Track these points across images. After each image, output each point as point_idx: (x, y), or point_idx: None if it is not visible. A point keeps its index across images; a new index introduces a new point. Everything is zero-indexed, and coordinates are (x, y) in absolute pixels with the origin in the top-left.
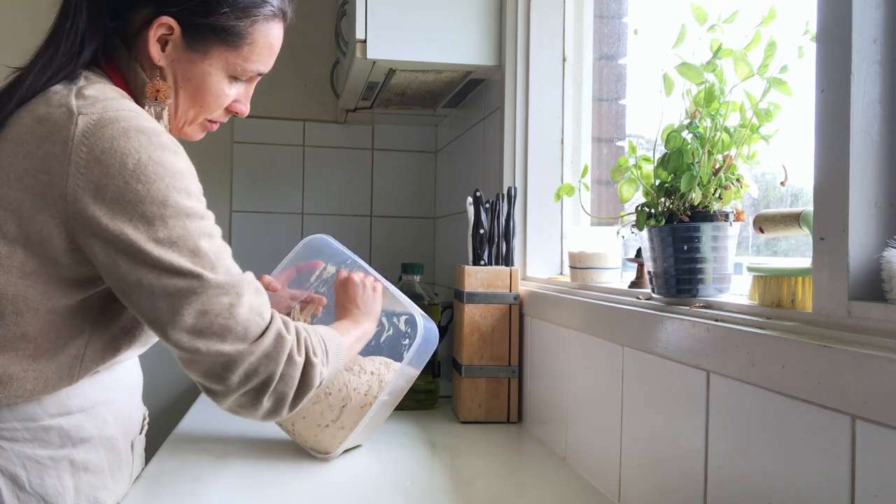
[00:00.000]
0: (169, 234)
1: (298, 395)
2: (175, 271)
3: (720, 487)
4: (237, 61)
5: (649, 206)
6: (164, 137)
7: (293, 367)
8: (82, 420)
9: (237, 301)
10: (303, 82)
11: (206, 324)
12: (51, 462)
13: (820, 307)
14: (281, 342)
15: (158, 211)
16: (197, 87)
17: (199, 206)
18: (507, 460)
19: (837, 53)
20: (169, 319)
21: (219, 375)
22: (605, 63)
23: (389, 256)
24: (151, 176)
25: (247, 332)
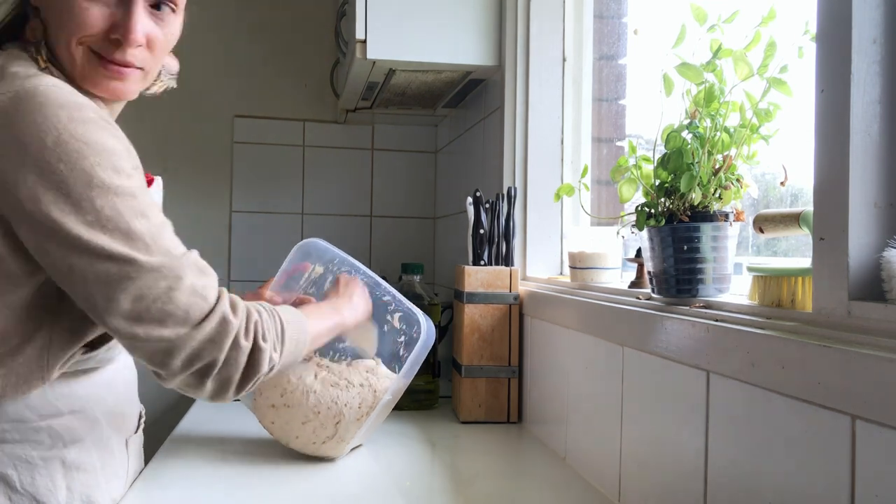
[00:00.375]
0: (98, 216)
1: (245, 379)
2: (107, 256)
3: (720, 487)
4: None
5: (649, 206)
6: (87, 111)
7: (238, 351)
8: (73, 421)
9: (176, 284)
10: (303, 82)
11: (144, 309)
12: (41, 462)
13: (820, 307)
14: (225, 326)
15: (84, 192)
16: (59, 12)
17: (129, 183)
18: (507, 460)
19: (837, 53)
20: (105, 306)
21: (160, 361)
22: (605, 63)
23: (389, 256)
24: (73, 154)
25: (188, 316)
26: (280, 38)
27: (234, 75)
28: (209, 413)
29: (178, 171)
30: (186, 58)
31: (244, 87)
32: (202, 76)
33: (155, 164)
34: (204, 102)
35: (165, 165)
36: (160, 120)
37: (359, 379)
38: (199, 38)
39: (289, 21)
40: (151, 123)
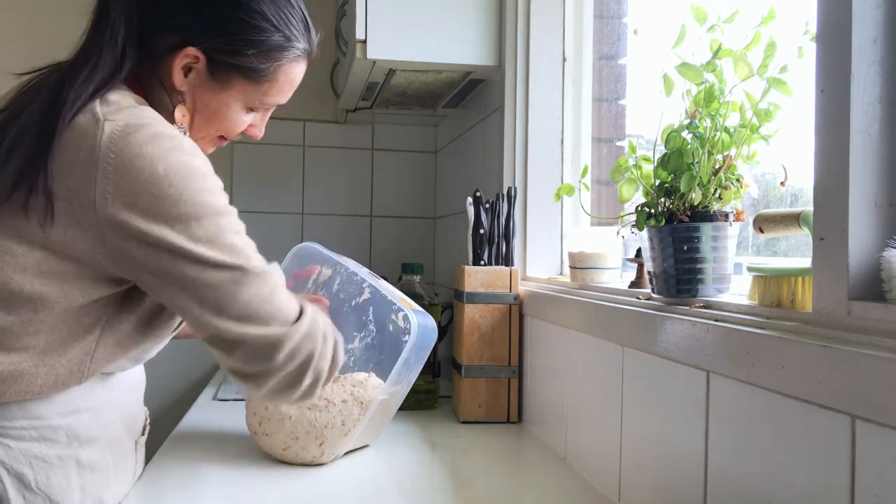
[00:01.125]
0: (205, 232)
1: (331, 371)
2: (217, 265)
3: (720, 487)
4: (256, 95)
5: (649, 206)
6: (185, 142)
7: (326, 344)
8: (89, 420)
9: (275, 288)
10: (303, 82)
11: (253, 311)
12: (57, 461)
13: (820, 307)
14: (315, 322)
15: (193, 211)
16: (213, 114)
17: (225, 203)
18: (507, 460)
19: (837, 53)
20: (216, 311)
21: (264, 356)
22: (605, 63)
23: (389, 256)
24: (181, 179)
25: (287, 315)
26: None
27: None
28: (208, 413)
29: None
30: None
31: None
32: None
33: None
34: None
35: None
36: None
37: (341, 395)
38: None
39: None
40: None
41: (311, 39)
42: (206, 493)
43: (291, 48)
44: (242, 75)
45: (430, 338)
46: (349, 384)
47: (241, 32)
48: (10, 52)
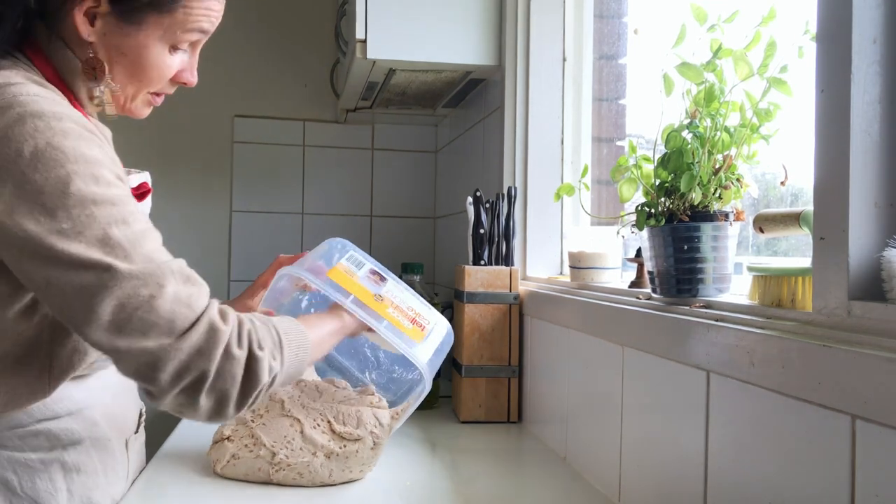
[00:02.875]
0: (73, 224)
1: (244, 393)
2: (82, 264)
3: (720, 487)
4: (175, 28)
5: (649, 206)
6: (66, 122)
7: (231, 361)
8: (70, 423)
9: (158, 292)
10: (303, 82)
11: (125, 319)
12: (41, 465)
13: (820, 307)
14: (214, 335)
15: (60, 200)
16: (134, 62)
17: (109, 191)
18: (507, 460)
19: (837, 53)
20: (84, 318)
21: (147, 375)
22: (605, 63)
23: (389, 256)
24: (50, 163)
25: (172, 326)
26: (280, 38)
27: (234, 75)
28: None
29: (178, 171)
30: None
31: (244, 87)
32: (202, 76)
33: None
34: (204, 102)
35: (166, 165)
36: (160, 120)
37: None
38: None
39: (289, 21)
40: (152, 124)
41: None
42: (206, 493)
43: None
44: (151, 7)
45: (448, 346)
46: (366, 416)
47: None
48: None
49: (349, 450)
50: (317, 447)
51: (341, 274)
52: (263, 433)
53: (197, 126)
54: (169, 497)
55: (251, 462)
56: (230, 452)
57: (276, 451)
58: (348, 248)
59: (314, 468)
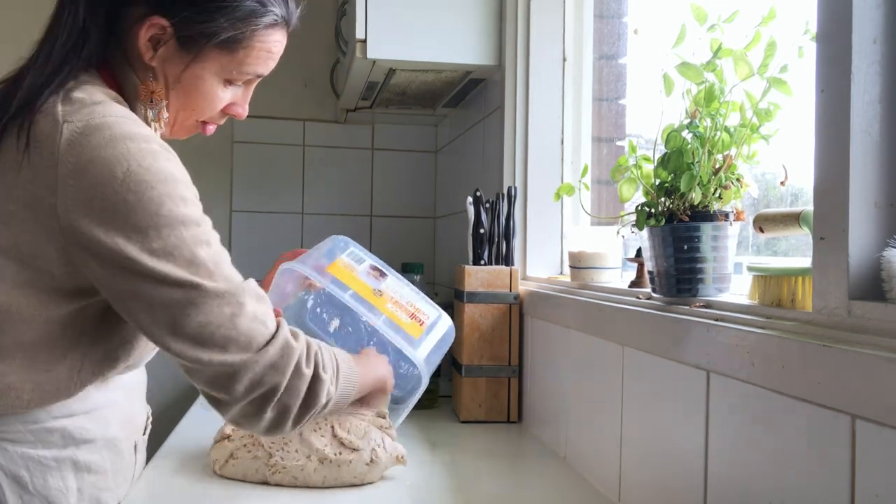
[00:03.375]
0: (164, 244)
1: (303, 410)
2: (172, 282)
3: (720, 487)
4: (232, 66)
5: (649, 206)
6: (153, 143)
7: (300, 379)
8: (85, 421)
9: (239, 310)
10: (303, 82)
11: (208, 334)
12: (54, 463)
13: (820, 307)
14: (288, 352)
15: (152, 221)
16: (188, 90)
17: (194, 212)
18: (507, 460)
19: (837, 53)
20: (169, 331)
21: (222, 385)
22: (605, 63)
23: (389, 256)
24: (142, 184)
25: (251, 342)
26: None
27: None
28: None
29: None
30: None
31: None
32: None
33: None
34: None
35: None
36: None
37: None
38: None
39: None
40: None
41: (290, 8)
42: (205, 494)
43: (266, 14)
44: (214, 44)
45: (450, 342)
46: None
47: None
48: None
49: (343, 458)
50: (311, 451)
51: (341, 269)
52: None
53: None
54: (168, 497)
55: (249, 463)
56: (229, 452)
57: (272, 452)
58: (350, 244)
59: (307, 472)
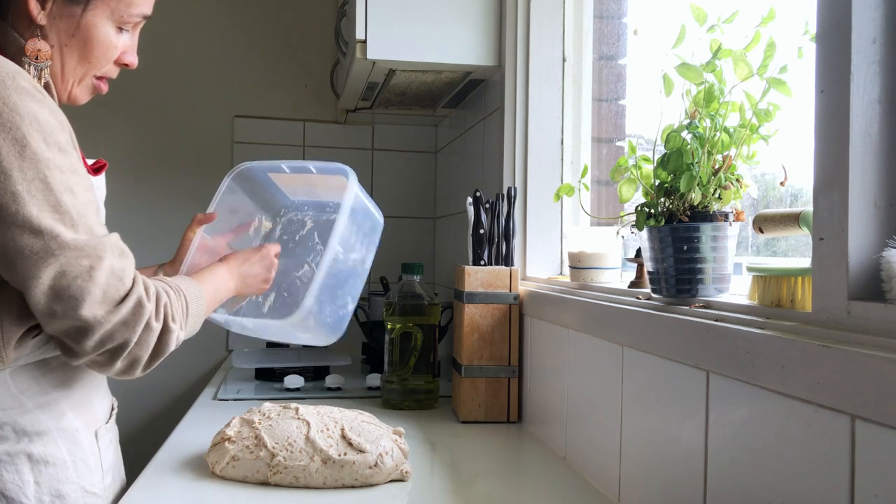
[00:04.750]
0: (28, 186)
1: (153, 359)
2: (32, 229)
3: (720, 487)
4: (121, 7)
5: (649, 206)
6: (22, 80)
7: (149, 333)
8: (38, 414)
9: (97, 264)
10: (303, 82)
11: (64, 286)
12: (7, 458)
13: (820, 307)
14: (140, 310)
15: (15, 161)
16: (84, 41)
17: (61, 158)
18: (507, 460)
19: (837, 53)
20: (27, 280)
21: (74, 338)
22: (604, 63)
23: (389, 256)
24: (6, 123)
25: (105, 297)
26: (280, 38)
27: (234, 75)
28: (208, 413)
29: (178, 171)
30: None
31: (244, 87)
32: (202, 76)
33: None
34: (204, 102)
35: (166, 165)
36: (160, 120)
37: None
38: (199, 38)
39: (289, 21)
40: (152, 123)
41: None
42: (205, 494)
43: None
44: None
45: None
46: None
47: None
48: None
49: (347, 459)
50: (315, 451)
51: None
52: (268, 435)
53: (197, 126)
54: (168, 497)
55: (251, 463)
56: (230, 454)
57: (276, 452)
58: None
59: (309, 472)
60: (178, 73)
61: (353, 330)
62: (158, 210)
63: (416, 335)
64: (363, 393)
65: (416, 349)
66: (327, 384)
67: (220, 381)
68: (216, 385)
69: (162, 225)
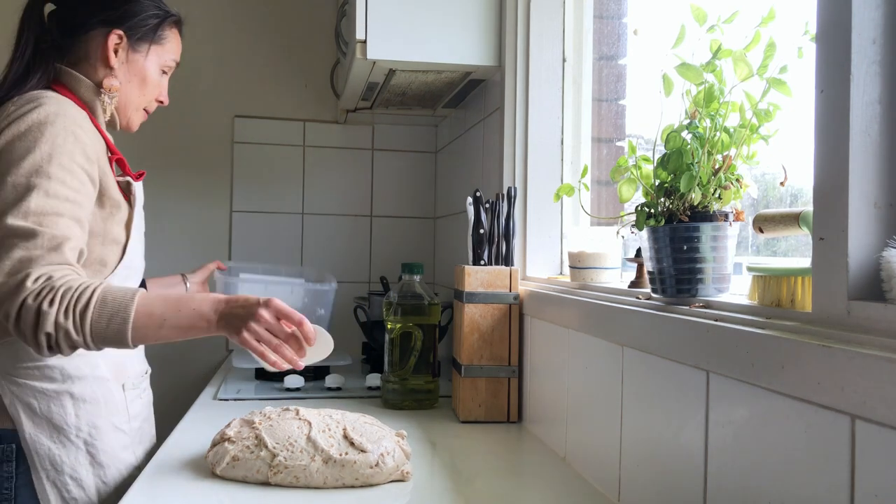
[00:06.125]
0: (15, 179)
1: (35, 335)
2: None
3: (720, 487)
4: (164, 55)
5: (649, 206)
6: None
7: (25, 311)
8: (79, 361)
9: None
10: (303, 82)
11: None
12: (55, 394)
13: (819, 307)
14: (20, 287)
15: (18, 161)
16: (141, 80)
17: (56, 171)
18: (507, 460)
19: (837, 54)
20: None
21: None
22: (604, 63)
23: (389, 256)
24: (35, 141)
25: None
26: (280, 38)
27: (234, 75)
28: (208, 413)
29: (178, 171)
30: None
31: (244, 87)
32: (202, 76)
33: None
34: (204, 102)
35: (166, 165)
36: (161, 120)
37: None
38: (199, 38)
39: (289, 21)
40: (152, 123)
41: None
42: (205, 494)
43: (169, 15)
44: (152, 41)
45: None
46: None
47: (141, 12)
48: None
49: (348, 458)
50: (317, 451)
51: None
52: (268, 435)
53: (197, 126)
54: (168, 497)
55: (251, 463)
56: (230, 454)
57: (276, 452)
58: None
59: (310, 472)
60: (178, 73)
61: (354, 330)
62: (158, 209)
63: (416, 335)
64: (363, 393)
65: (416, 349)
66: (327, 384)
67: (220, 381)
68: (216, 385)
69: (162, 224)
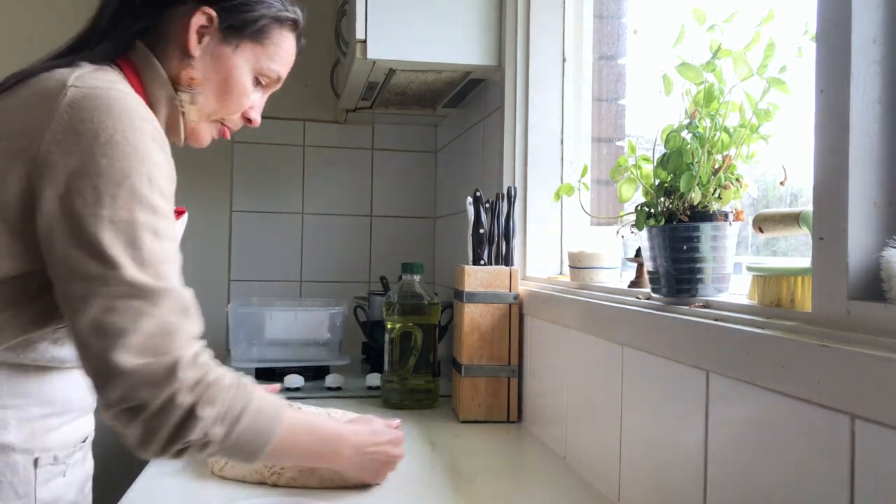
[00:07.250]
0: (113, 213)
1: (172, 441)
2: (98, 254)
3: (720, 487)
4: (263, 59)
5: (649, 206)
6: (148, 124)
7: (173, 407)
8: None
9: (149, 311)
10: (303, 82)
11: (107, 322)
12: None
13: (819, 307)
14: (172, 375)
15: (112, 189)
16: (225, 79)
17: (158, 200)
18: (507, 460)
19: (837, 53)
20: (76, 303)
21: (100, 382)
22: (604, 63)
23: (389, 256)
24: (119, 154)
25: (144, 348)
26: None
27: None
28: None
29: (178, 171)
30: None
31: None
32: None
33: None
34: None
35: None
36: None
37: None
38: None
39: None
40: None
41: (301, 15)
42: (205, 494)
43: (286, 11)
44: (250, 36)
45: None
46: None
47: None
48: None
49: None
50: None
51: None
52: None
53: None
54: (168, 497)
55: (250, 464)
56: None
57: None
58: None
59: (307, 473)
60: None
61: (354, 330)
62: None
63: (416, 335)
64: (363, 392)
65: (416, 349)
66: (327, 384)
67: None
68: None
69: None
